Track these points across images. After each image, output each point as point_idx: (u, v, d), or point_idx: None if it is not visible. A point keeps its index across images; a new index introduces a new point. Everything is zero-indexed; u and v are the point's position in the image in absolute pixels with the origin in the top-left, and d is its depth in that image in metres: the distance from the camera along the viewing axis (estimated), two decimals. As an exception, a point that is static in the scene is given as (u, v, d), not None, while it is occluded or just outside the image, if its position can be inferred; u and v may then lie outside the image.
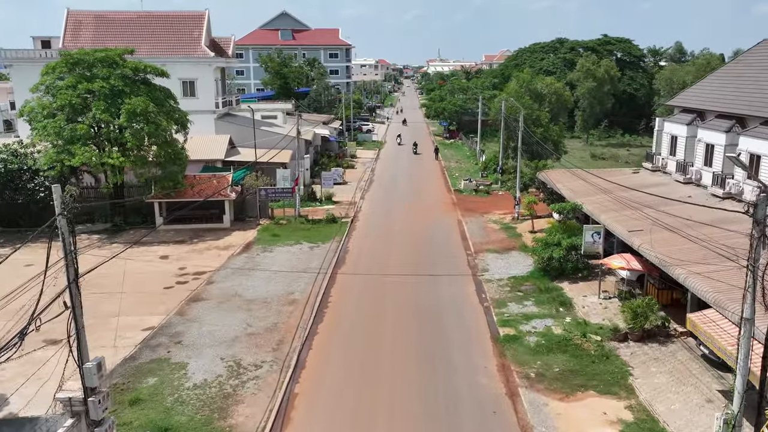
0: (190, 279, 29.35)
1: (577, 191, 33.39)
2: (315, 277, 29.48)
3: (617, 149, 77.63)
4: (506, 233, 37.11)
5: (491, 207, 44.67)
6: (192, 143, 44.64)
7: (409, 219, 41.29)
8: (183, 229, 37.70)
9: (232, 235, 36.91)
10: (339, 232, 37.47)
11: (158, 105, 36.52)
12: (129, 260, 31.92)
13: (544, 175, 38.46)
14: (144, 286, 28.24)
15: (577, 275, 28.52)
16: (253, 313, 25.16)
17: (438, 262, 32.02)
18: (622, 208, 28.47)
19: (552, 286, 27.78)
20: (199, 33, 51.75)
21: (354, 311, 25.61)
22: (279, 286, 28.20)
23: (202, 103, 50.09)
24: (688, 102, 34.36)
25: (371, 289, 28.20)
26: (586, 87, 77.29)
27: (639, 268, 23.95)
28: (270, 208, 41.20)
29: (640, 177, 35.00)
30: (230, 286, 28.27)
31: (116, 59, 35.98)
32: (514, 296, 26.95)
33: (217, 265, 31.26)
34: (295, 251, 33.68)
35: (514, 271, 30.13)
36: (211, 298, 26.88)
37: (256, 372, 20.33)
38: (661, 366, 20.15)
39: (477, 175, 57.26)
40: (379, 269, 30.88)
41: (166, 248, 34.24)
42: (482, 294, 27.38)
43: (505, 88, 58.23)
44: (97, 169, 35.16)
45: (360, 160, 67.21)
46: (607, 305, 25.25)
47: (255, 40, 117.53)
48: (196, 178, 38.84)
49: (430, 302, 26.45)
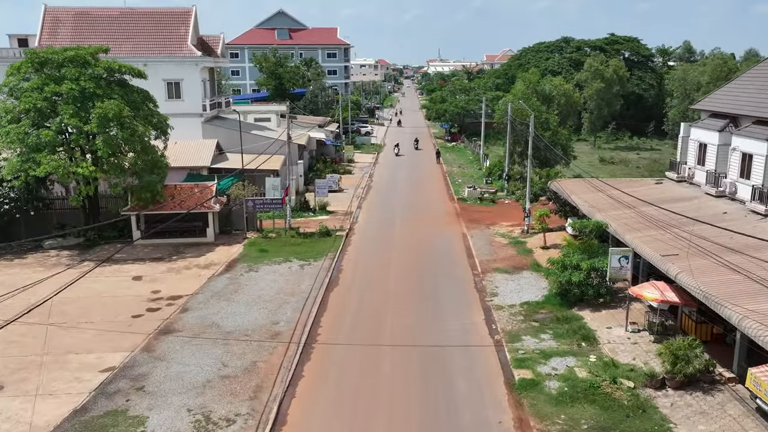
0: (164, 305, 26.12)
1: (594, 204, 30.17)
2: (304, 302, 26.25)
3: (626, 153, 74.49)
4: (515, 249, 33.88)
5: (497, 218, 41.45)
6: (175, 149, 41.50)
7: (409, 232, 38.07)
8: (162, 244, 34.48)
9: (215, 251, 33.69)
10: (333, 247, 34.25)
11: (135, 108, 33.31)
12: (99, 280, 28.92)
13: (557, 184, 35.23)
14: (111, 314, 25.05)
15: (598, 301, 25.31)
16: (230, 349, 21.93)
17: (441, 284, 28.81)
18: (649, 225, 25.26)
19: (571, 314, 24.55)
20: (185, 31, 48.52)
21: (345, 348, 22.37)
22: (262, 314, 24.98)
23: (188, 106, 46.88)
24: (718, 106, 31.09)
25: (366, 317, 24.98)
26: (594, 88, 74.05)
27: (676, 301, 20.72)
28: (258, 219, 37.99)
29: (665, 188, 31.76)
30: (207, 314, 25.03)
31: (88, 58, 32.75)
32: (529, 327, 23.70)
33: (196, 287, 28.03)
34: (283, 271, 30.45)
35: (527, 296, 26.90)
36: (184, 329, 23.65)
37: (227, 429, 17.11)
38: (709, 423, 16.92)
39: (481, 181, 54.09)
40: (375, 293, 27.68)
41: (141, 267, 31.02)
42: (492, 324, 24.13)
43: (511, 89, 55.00)
44: (65, 180, 31.90)
45: (358, 164, 63.98)
46: (637, 340, 22.02)
47: (251, 40, 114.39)
48: (177, 188, 35.60)
49: (433, 335, 23.21)
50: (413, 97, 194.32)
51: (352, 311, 25.57)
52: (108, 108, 31.01)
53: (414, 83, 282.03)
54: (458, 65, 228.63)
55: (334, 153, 64.67)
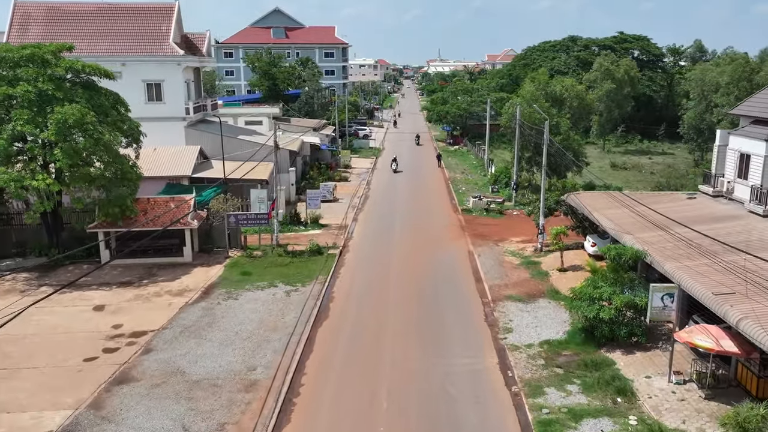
0: (124, 344, 22.41)
1: (620, 223, 26.49)
2: (287, 340, 22.55)
3: (638, 157, 70.76)
4: (529, 271, 30.17)
5: (506, 232, 37.75)
6: (154, 157, 37.92)
7: (409, 249, 34.36)
8: (133, 265, 30.83)
9: (191, 273, 29.99)
10: (324, 268, 30.56)
11: (102, 113, 29.65)
12: (55, 310, 25.26)
13: (575, 198, 31.52)
14: (60, 356, 21.37)
15: (631, 340, 21.63)
16: (195, 405, 18.24)
17: (447, 316, 25.09)
18: (689, 253, 21.57)
19: (600, 358, 20.86)
20: (167, 28, 44.84)
21: (333, 403, 18.68)
22: (238, 357, 21.29)
23: (169, 109, 43.28)
24: (762, 111, 27.35)
25: (358, 361, 21.28)
26: (605, 89, 70.27)
27: (735, 352, 17.03)
28: (243, 235, 34.32)
29: (700, 205, 28.06)
30: (173, 356, 21.33)
31: (48, 57, 29.08)
32: (552, 375, 20.00)
33: (164, 320, 24.32)
34: (266, 298, 26.75)
35: (546, 332, 23.19)
36: (143, 376, 19.95)
37: None
38: None
39: (486, 189, 50.40)
40: (370, 328, 23.97)
41: (105, 294, 27.31)
42: (508, 371, 20.43)
43: (519, 90, 51.25)
44: (18, 196, 28.19)
45: (355, 170, 60.26)
46: (684, 395, 18.33)
47: (246, 39, 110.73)
48: (150, 202, 31.90)
49: (439, 385, 19.52)
50: (413, 97, 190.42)
51: (343, 353, 21.86)
52: (68, 113, 27.31)
53: (414, 83, 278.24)
54: (459, 65, 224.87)
55: (329, 158, 60.97)
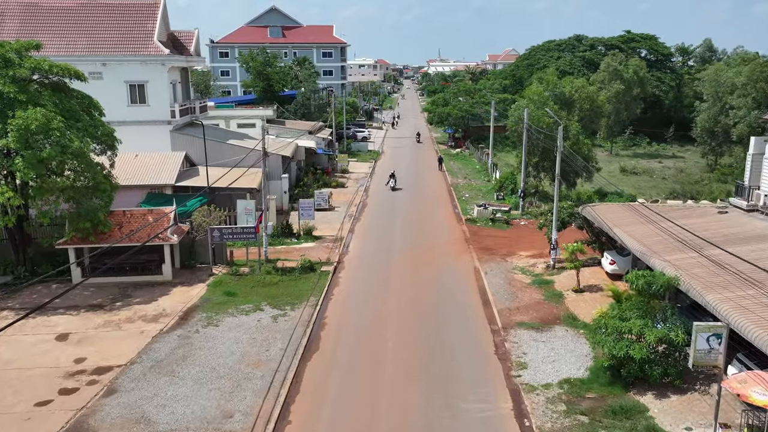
0: (84, 383, 19.62)
1: (644, 241, 23.75)
2: (271, 378, 19.78)
3: (647, 161, 68.02)
4: (542, 292, 27.40)
5: (514, 245, 34.99)
6: (135, 164, 35.31)
7: (410, 266, 31.56)
8: (107, 284, 28.09)
9: (170, 294, 27.24)
10: (316, 288, 27.81)
11: (71, 118, 26.88)
12: (13, 339, 22.50)
13: (591, 211, 28.76)
14: (9, 400, 18.59)
15: (664, 380, 18.86)
16: (158, 465, 15.50)
17: (453, 348, 22.28)
18: (733, 279, 18.81)
19: (630, 403, 18.07)
20: (152, 25, 42.05)
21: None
22: (213, 400, 18.51)
23: (154, 112, 40.52)
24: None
25: (351, 408, 18.50)
26: (613, 90, 67.47)
27: (802, 409, 14.27)
28: (230, 249, 31.58)
29: (733, 221, 25.32)
30: (139, 399, 18.55)
31: (10, 56, 26.30)
32: (577, 425, 17.21)
33: (133, 353, 21.55)
34: (250, 325, 23.97)
35: (565, 368, 20.42)
36: (101, 427, 17.17)
37: None
38: None
39: (491, 196, 47.63)
40: (366, 363, 21.18)
41: (71, 319, 24.53)
42: (524, 418, 17.66)
43: (526, 91, 48.47)
44: (-27, 209, 25.46)
45: (352, 175, 57.45)
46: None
47: (242, 38, 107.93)
48: (126, 215, 29.11)
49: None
50: (414, 98, 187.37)
51: (333, 396, 19.07)
52: (31, 118, 24.53)
53: (414, 83, 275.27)
54: (459, 65, 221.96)
55: (326, 162, 58.20)
